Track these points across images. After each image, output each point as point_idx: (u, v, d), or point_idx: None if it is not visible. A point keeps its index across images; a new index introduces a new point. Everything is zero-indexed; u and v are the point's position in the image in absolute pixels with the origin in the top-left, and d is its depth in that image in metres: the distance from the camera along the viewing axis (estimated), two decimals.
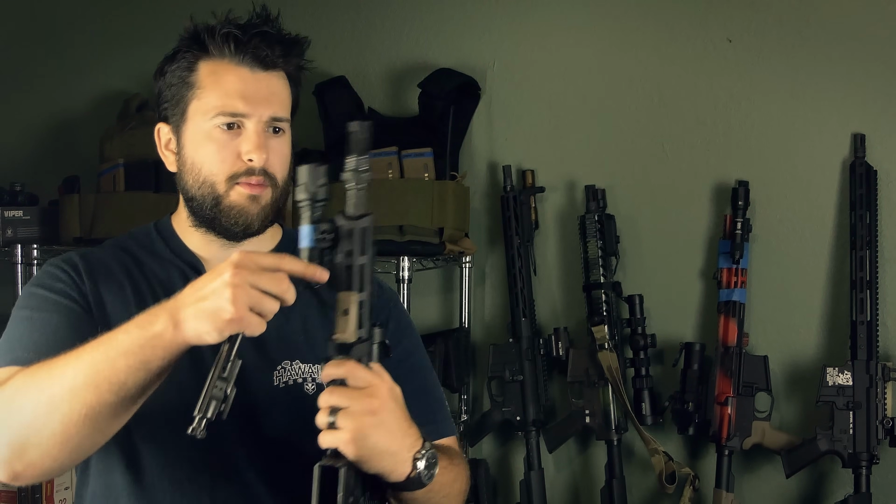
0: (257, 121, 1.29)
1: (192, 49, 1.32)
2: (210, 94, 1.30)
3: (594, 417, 2.31)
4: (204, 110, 1.30)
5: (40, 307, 1.30)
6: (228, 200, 1.30)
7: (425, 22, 2.52)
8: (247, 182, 1.29)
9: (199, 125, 1.30)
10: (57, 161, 2.74)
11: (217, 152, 1.29)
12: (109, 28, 2.75)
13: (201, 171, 1.31)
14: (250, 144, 1.28)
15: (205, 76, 1.30)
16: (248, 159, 1.29)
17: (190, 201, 1.34)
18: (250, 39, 1.29)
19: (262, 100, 1.30)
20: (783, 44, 2.25)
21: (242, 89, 1.29)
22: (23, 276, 2.47)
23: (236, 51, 1.29)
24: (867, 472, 2.11)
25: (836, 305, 2.22)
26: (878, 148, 2.19)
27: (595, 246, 2.31)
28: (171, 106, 1.34)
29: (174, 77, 1.33)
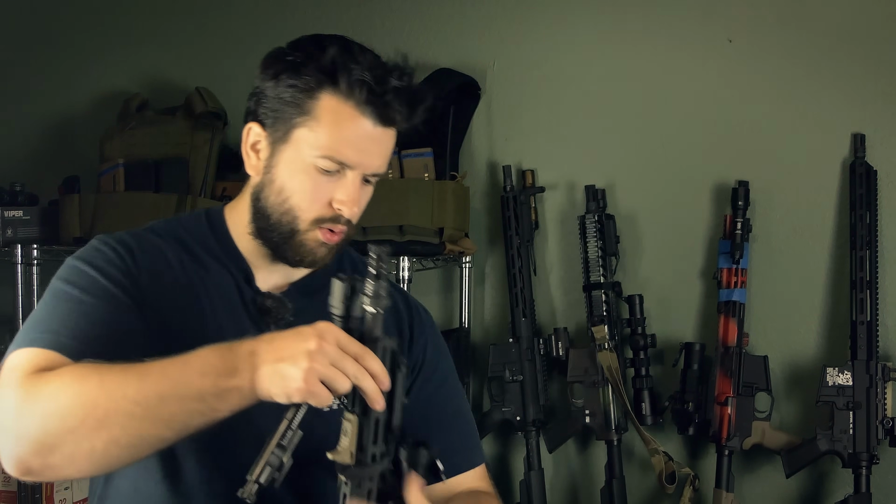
0: (359, 174, 1.25)
1: (320, 75, 1.23)
2: (324, 133, 1.23)
3: (594, 417, 2.31)
4: (312, 144, 1.23)
5: (90, 290, 1.23)
6: (303, 238, 1.27)
7: (425, 22, 2.51)
8: (329, 229, 1.26)
9: (302, 154, 1.24)
10: (57, 161, 2.74)
11: (311, 190, 1.24)
12: (109, 28, 2.75)
13: (288, 200, 1.26)
14: (346, 196, 1.25)
15: (324, 111, 1.23)
16: (338, 208, 1.25)
17: (263, 217, 1.29)
18: (384, 93, 1.22)
19: (373, 156, 1.25)
20: (783, 44, 2.25)
21: (359, 142, 1.23)
22: (23, 276, 2.46)
23: (366, 101, 1.22)
24: (867, 472, 2.11)
25: (836, 305, 2.22)
26: (878, 148, 2.19)
27: (595, 246, 2.31)
28: (273, 117, 1.26)
29: (289, 92, 1.24)
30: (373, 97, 1.22)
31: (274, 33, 2.61)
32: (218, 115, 2.48)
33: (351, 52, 1.23)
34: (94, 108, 2.75)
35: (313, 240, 1.26)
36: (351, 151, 1.23)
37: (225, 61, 2.67)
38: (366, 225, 2.29)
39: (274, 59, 1.28)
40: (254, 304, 1.31)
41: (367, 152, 1.24)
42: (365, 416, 1.07)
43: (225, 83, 2.61)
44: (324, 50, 1.23)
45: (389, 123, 1.25)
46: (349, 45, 1.25)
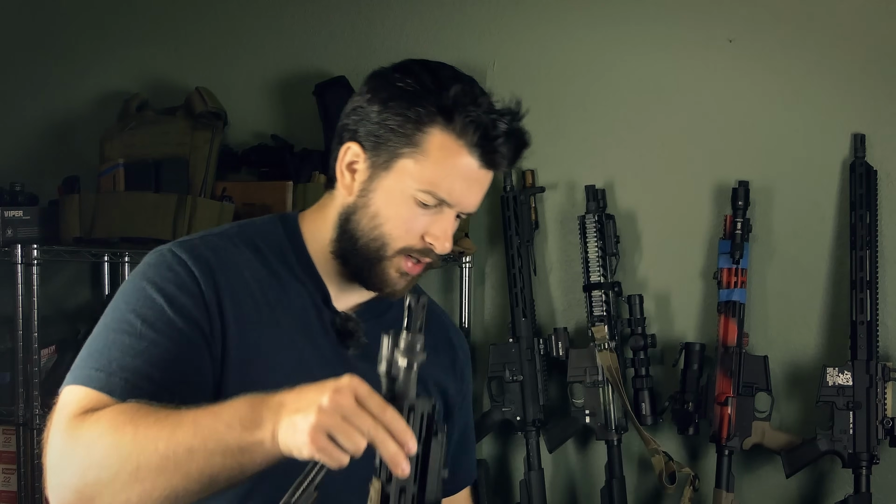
0: (456, 212, 1.25)
1: (435, 110, 1.22)
2: (431, 168, 1.21)
3: (594, 417, 2.31)
4: (416, 177, 1.21)
5: (155, 324, 1.17)
6: (387, 265, 1.25)
7: (425, 22, 2.51)
8: (415, 260, 1.25)
9: (403, 185, 1.22)
10: (57, 161, 2.74)
11: (407, 221, 1.23)
12: (109, 28, 2.75)
13: (381, 227, 1.24)
14: (441, 233, 1.24)
15: (434, 146, 1.21)
16: (430, 243, 1.24)
17: (350, 239, 1.26)
18: (495, 138, 1.23)
19: (472, 196, 1.25)
20: (783, 44, 2.25)
21: (462, 182, 1.23)
22: (23, 276, 2.46)
23: (476, 143, 1.22)
24: (867, 472, 2.11)
25: (836, 305, 2.22)
26: (878, 148, 2.19)
27: (595, 246, 2.31)
28: (376, 141, 1.24)
29: (397, 121, 1.22)
30: (484, 140, 1.22)
31: (274, 33, 2.64)
32: (218, 115, 2.48)
33: (471, 92, 1.23)
34: (94, 108, 2.75)
35: (396, 269, 1.25)
36: (453, 189, 1.22)
37: (225, 61, 2.67)
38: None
39: (382, 83, 1.26)
40: (332, 325, 1.28)
41: (468, 192, 1.24)
42: (389, 484, 0.98)
43: (225, 83, 2.61)
44: (442, 84, 1.23)
45: (494, 167, 1.25)
46: (468, 83, 1.25)
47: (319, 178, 2.33)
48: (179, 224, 2.37)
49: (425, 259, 1.26)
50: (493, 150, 1.23)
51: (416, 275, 1.27)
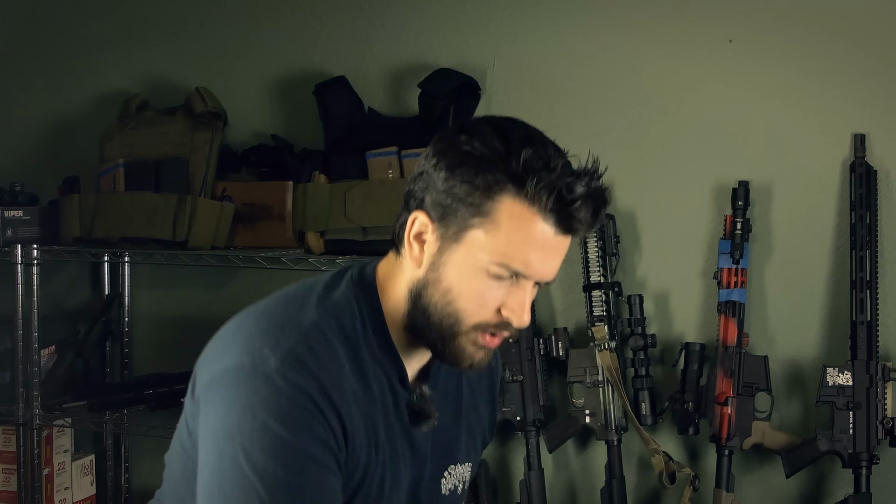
0: (534, 284, 1.19)
1: (505, 177, 1.14)
2: (503, 240, 1.14)
3: (594, 417, 2.31)
4: (489, 249, 1.15)
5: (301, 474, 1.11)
6: (463, 341, 1.20)
7: (425, 22, 2.51)
8: (491, 334, 1.20)
9: (475, 257, 1.16)
10: (57, 161, 2.75)
11: (481, 295, 1.17)
12: (109, 28, 2.76)
13: (455, 302, 1.18)
14: (517, 307, 1.18)
15: (505, 215, 1.14)
16: (507, 316, 1.18)
17: (423, 315, 1.20)
18: (572, 203, 1.14)
19: (549, 265, 1.18)
20: (783, 44, 2.25)
21: (537, 251, 1.16)
22: (23, 276, 2.47)
23: (551, 209, 1.14)
24: (867, 472, 2.11)
25: (836, 305, 2.22)
26: (878, 148, 2.19)
27: (595, 246, 2.31)
28: (444, 211, 1.17)
29: (464, 189, 1.15)
30: (559, 205, 1.14)
31: (274, 33, 2.64)
32: (218, 115, 2.48)
33: (544, 155, 1.16)
34: (94, 108, 2.76)
35: (472, 343, 1.20)
36: (529, 260, 1.16)
37: (225, 61, 2.67)
38: (366, 225, 2.29)
39: (448, 146, 1.19)
40: (407, 406, 1.26)
41: (545, 262, 1.17)
42: None
43: (225, 83, 2.62)
44: (512, 148, 1.14)
45: (572, 232, 1.18)
46: (541, 145, 1.17)
47: (319, 178, 2.33)
48: (179, 224, 2.38)
49: (503, 333, 1.20)
50: (570, 215, 1.15)
51: (496, 346, 1.22)
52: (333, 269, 1.33)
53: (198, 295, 2.71)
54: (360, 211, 2.28)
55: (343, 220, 2.29)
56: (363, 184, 2.30)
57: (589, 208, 1.16)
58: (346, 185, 2.30)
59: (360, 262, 1.30)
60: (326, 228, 2.30)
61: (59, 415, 2.55)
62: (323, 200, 2.30)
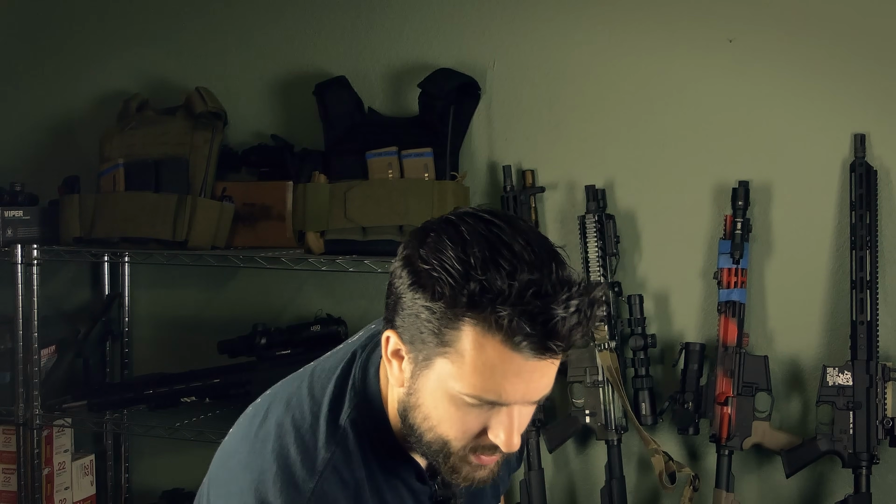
0: (517, 408, 1.07)
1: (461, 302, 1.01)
2: (470, 371, 1.03)
3: (594, 417, 2.31)
4: (458, 379, 1.05)
5: None
6: (456, 462, 1.11)
7: (425, 22, 2.51)
8: (485, 455, 1.11)
9: (446, 386, 1.06)
10: (57, 161, 2.74)
11: (461, 422, 1.08)
12: (109, 28, 2.75)
13: (436, 428, 1.09)
14: (504, 432, 1.07)
15: (469, 346, 1.02)
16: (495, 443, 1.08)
17: (412, 434, 1.13)
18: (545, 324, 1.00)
19: (530, 390, 1.06)
20: (783, 44, 2.25)
21: (515, 380, 1.04)
22: (23, 276, 2.47)
23: (522, 334, 1.00)
24: (867, 472, 2.11)
25: (836, 305, 2.22)
26: (878, 148, 2.19)
27: (595, 246, 2.31)
28: (411, 331, 1.07)
29: (425, 313, 1.04)
30: (529, 332, 1.00)
31: (274, 33, 2.63)
32: (218, 115, 2.48)
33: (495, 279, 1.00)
34: (94, 108, 2.76)
35: (468, 464, 1.11)
36: (502, 391, 1.04)
37: (225, 61, 2.67)
38: (366, 225, 2.29)
39: (411, 257, 1.06)
40: (431, 500, 1.22)
41: (522, 388, 1.05)
42: None
43: (225, 83, 2.62)
44: (470, 270, 1.00)
45: (551, 355, 1.03)
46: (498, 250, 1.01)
47: (319, 178, 2.33)
48: (179, 224, 2.38)
49: (499, 455, 1.11)
50: (544, 339, 1.01)
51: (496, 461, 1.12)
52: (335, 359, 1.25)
53: (198, 295, 2.71)
54: (359, 211, 2.28)
55: (343, 220, 2.29)
56: (363, 184, 2.30)
57: (568, 327, 1.01)
58: (346, 185, 2.30)
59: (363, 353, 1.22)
60: (326, 228, 2.30)
61: (59, 415, 2.55)
62: (323, 200, 2.30)
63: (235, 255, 2.41)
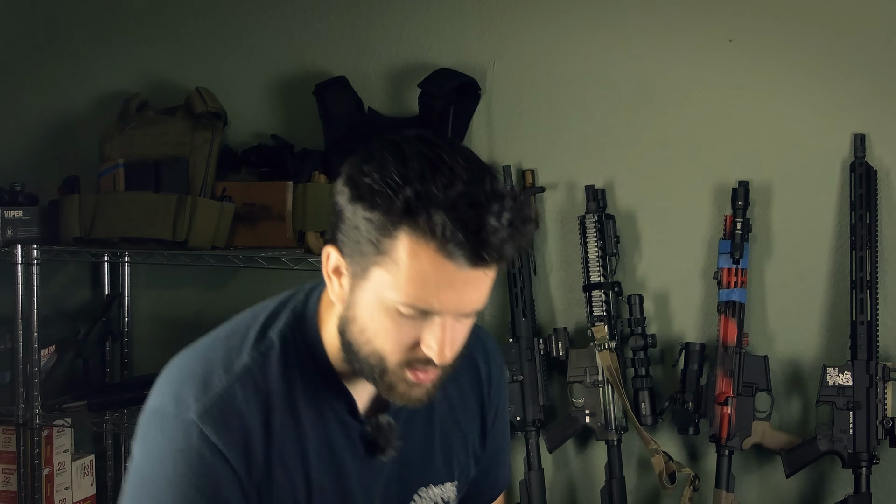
0: (449, 318, 1.09)
1: (396, 209, 1.04)
2: (402, 278, 1.06)
3: (594, 417, 2.31)
4: (391, 287, 1.07)
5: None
6: (394, 378, 1.13)
7: (425, 22, 2.51)
8: (420, 371, 1.12)
9: (381, 295, 1.08)
10: (57, 161, 2.75)
11: (395, 333, 1.10)
12: (109, 28, 2.76)
13: (372, 342, 1.12)
14: (436, 343, 1.09)
15: (402, 252, 1.05)
16: (428, 354, 1.11)
17: (350, 352, 1.15)
18: (477, 232, 1.03)
19: (464, 299, 1.08)
20: (783, 44, 2.25)
21: (443, 287, 1.06)
22: (23, 276, 2.47)
23: (451, 242, 1.03)
24: (867, 472, 2.11)
25: (836, 305, 2.22)
26: (878, 148, 2.19)
27: (595, 246, 2.31)
28: (350, 245, 1.10)
29: (365, 226, 1.07)
30: (462, 240, 1.02)
31: (274, 33, 2.64)
32: (218, 115, 2.48)
33: (430, 187, 1.03)
34: (94, 108, 2.76)
35: (404, 381, 1.13)
36: (435, 299, 1.06)
37: (225, 61, 2.67)
38: None
39: (353, 174, 1.09)
40: (362, 438, 1.22)
41: (455, 297, 1.07)
42: None
43: (225, 83, 2.62)
44: (406, 179, 1.04)
45: (486, 265, 1.06)
46: (432, 168, 1.05)
47: (319, 178, 2.33)
48: (179, 224, 2.38)
49: (432, 370, 1.12)
50: (477, 247, 1.03)
51: (433, 381, 1.14)
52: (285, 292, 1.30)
53: (198, 295, 2.71)
54: None
55: None
56: None
57: (500, 237, 1.04)
58: None
59: (311, 285, 1.25)
60: (326, 228, 2.30)
61: (59, 415, 2.55)
62: (323, 200, 2.30)
63: (235, 255, 2.41)
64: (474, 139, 2.47)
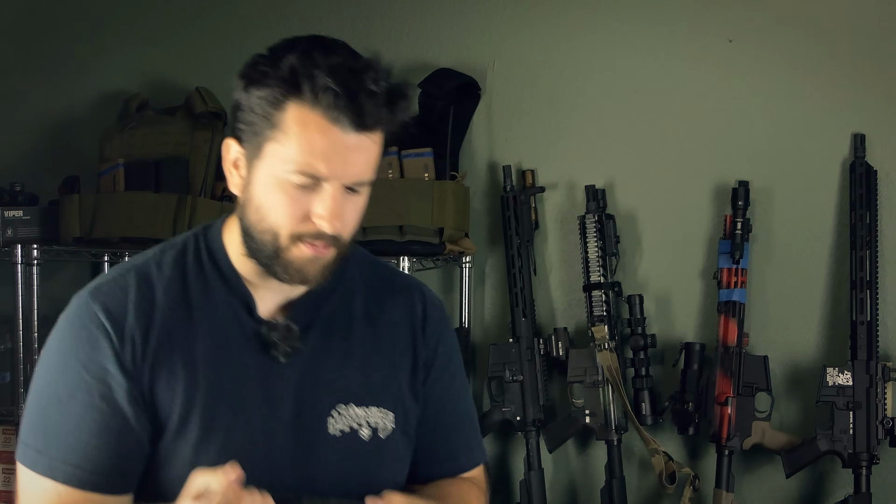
0: (337, 186, 1.16)
1: (283, 84, 1.15)
2: (292, 146, 1.14)
3: (594, 417, 2.31)
4: (282, 158, 1.15)
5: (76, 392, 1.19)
6: (289, 255, 1.19)
7: (425, 22, 2.52)
8: (311, 244, 1.18)
9: (274, 169, 1.16)
10: (57, 161, 2.74)
11: (287, 206, 1.16)
12: (109, 28, 2.75)
13: (266, 218, 1.18)
14: (325, 211, 1.16)
15: (291, 122, 1.14)
16: (318, 223, 1.17)
17: (248, 237, 1.22)
18: (355, 96, 1.13)
19: (350, 165, 1.16)
20: (783, 44, 2.25)
21: (329, 152, 1.14)
22: (23, 276, 2.46)
23: (335, 107, 1.13)
24: (867, 472, 2.11)
25: (836, 305, 2.22)
26: (878, 148, 2.19)
27: (595, 246, 2.31)
28: (246, 131, 1.19)
29: (258, 105, 1.17)
30: (342, 102, 1.12)
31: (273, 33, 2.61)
32: (218, 115, 2.48)
33: (312, 54, 1.14)
34: (94, 108, 2.75)
35: (299, 257, 1.19)
36: (322, 165, 1.14)
37: (225, 61, 2.66)
38: (366, 225, 2.28)
39: (247, 69, 1.22)
40: (257, 336, 1.25)
41: (342, 162, 1.15)
42: None
43: (225, 83, 2.58)
44: (293, 56, 1.15)
45: (365, 129, 1.15)
46: (314, 45, 1.17)
47: None
48: (179, 224, 2.37)
49: (322, 243, 1.18)
50: (356, 109, 1.13)
51: (326, 257, 1.20)
52: None
53: None
54: None
55: None
56: None
57: (377, 101, 1.14)
58: None
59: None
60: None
61: None
62: None
63: None
64: (474, 139, 2.47)
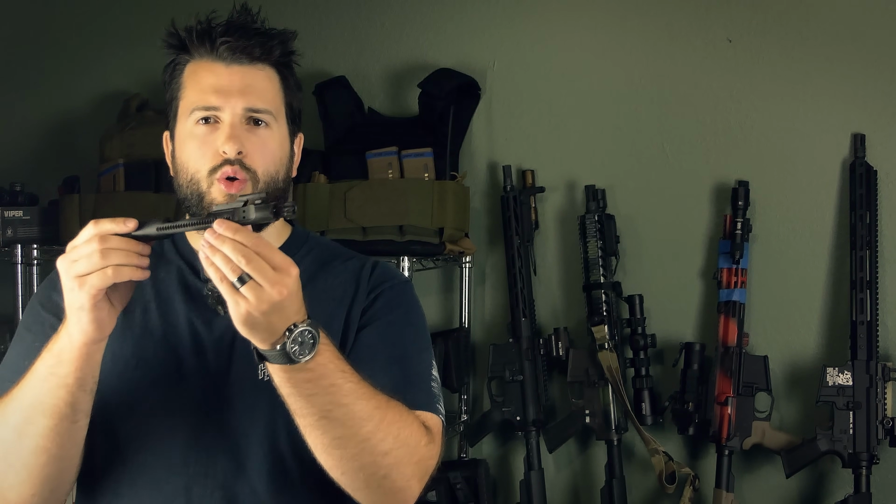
0: (231, 113, 1.30)
1: (178, 53, 1.35)
2: (189, 93, 1.32)
3: (594, 417, 2.31)
4: (184, 109, 1.32)
5: (32, 326, 1.34)
6: (209, 198, 1.28)
7: (425, 22, 2.52)
8: (223, 175, 1.28)
9: (183, 125, 1.32)
10: (57, 161, 2.74)
11: (197, 148, 1.30)
12: (109, 28, 2.75)
13: (188, 170, 1.30)
14: (223, 136, 1.29)
15: (187, 77, 1.33)
16: (222, 151, 1.28)
17: (183, 202, 1.33)
18: (225, 33, 1.32)
19: (236, 91, 1.31)
20: (783, 44, 2.25)
21: (215, 83, 1.31)
22: (23, 276, 2.47)
23: (212, 47, 1.32)
24: (867, 472, 2.11)
25: (836, 305, 2.22)
26: (878, 148, 2.19)
27: (595, 246, 2.31)
28: (170, 114, 1.36)
29: (167, 82, 1.36)
30: (215, 41, 1.31)
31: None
32: None
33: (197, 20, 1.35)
34: (94, 108, 2.75)
35: (217, 194, 1.28)
36: (211, 95, 1.30)
37: None
38: (366, 225, 2.29)
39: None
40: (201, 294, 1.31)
41: (229, 91, 1.30)
42: None
43: None
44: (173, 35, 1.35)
45: (245, 59, 1.33)
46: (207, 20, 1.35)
47: (319, 178, 2.33)
48: None
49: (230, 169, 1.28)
50: (225, 43, 1.31)
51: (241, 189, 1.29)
52: None
53: None
54: (359, 211, 2.28)
55: (343, 220, 2.29)
56: (363, 184, 2.30)
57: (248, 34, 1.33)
58: (346, 185, 2.30)
59: None
60: (326, 228, 2.30)
61: None
62: (323, 200, 2.30)
63: None
64: (474, 139, 2.47)
